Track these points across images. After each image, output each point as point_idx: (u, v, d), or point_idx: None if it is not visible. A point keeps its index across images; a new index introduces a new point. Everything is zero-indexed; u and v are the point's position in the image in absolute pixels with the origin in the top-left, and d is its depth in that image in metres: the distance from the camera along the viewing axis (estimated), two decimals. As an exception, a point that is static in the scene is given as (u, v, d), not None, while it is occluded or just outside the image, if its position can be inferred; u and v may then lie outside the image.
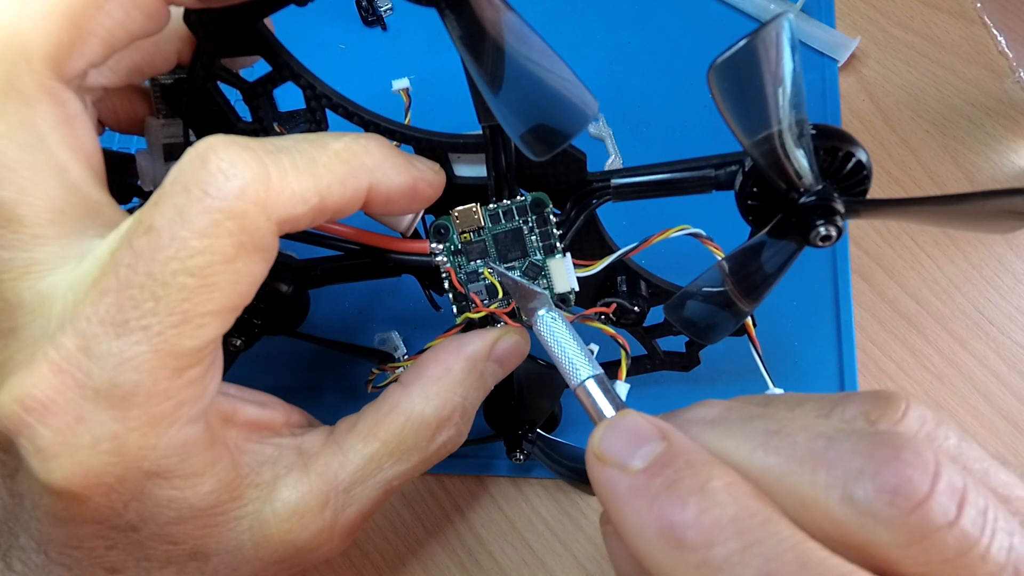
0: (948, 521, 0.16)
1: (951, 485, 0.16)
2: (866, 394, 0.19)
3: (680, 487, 0.18)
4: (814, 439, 0.18)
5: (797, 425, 0.18)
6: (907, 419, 0.18)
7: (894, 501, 0.16)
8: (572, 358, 0.23)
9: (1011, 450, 0.37)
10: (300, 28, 0.35)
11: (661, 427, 0.20)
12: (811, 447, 0.18)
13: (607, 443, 0.20)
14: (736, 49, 0.18)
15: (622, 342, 0.28)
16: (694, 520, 0.17)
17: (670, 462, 0.18)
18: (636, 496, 0.18)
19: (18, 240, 0.20)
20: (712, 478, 0.18)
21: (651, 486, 0.18)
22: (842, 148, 0.22)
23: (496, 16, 0.20)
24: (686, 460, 0.18)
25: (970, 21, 0.44)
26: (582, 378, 0.22)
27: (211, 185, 0.19)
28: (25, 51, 0.20)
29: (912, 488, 0.16)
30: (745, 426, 0.19)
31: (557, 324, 0.24)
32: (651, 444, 0.19)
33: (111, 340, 0.19)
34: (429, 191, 0.25)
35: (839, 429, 0.18)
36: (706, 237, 0.27)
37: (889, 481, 0.16)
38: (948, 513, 0.16)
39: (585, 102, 0.21)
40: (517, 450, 0.32)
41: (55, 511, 0.21)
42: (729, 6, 0.43)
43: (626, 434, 0.20)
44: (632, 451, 0.19)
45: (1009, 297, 0.39)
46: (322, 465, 0.24)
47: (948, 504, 0.16)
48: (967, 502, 0.16)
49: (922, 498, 0.16)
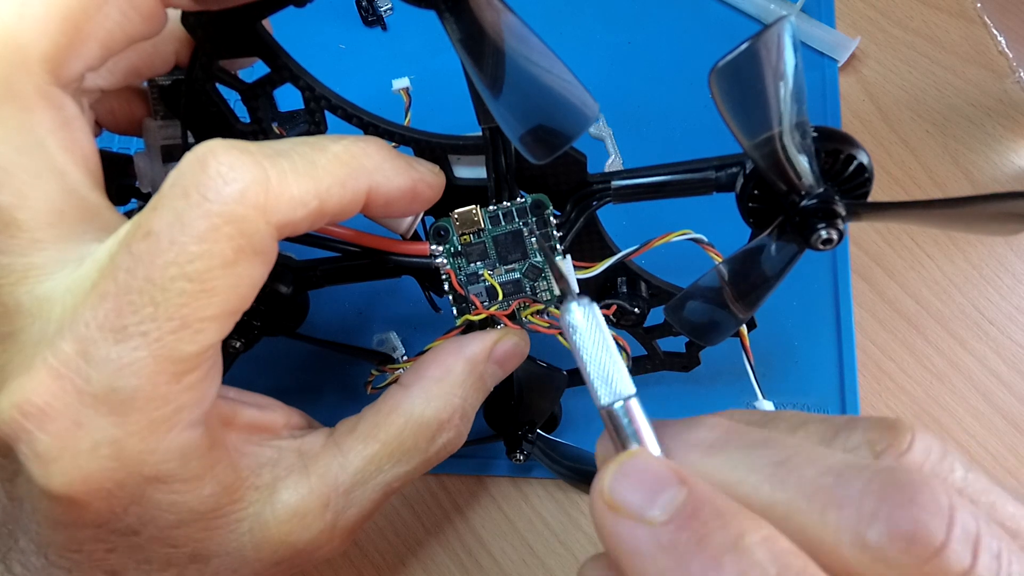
0: (963, 569, 0.15)
1: (966, 530, 0.15)
2: (871, 421, 0.19)
3: (711, 544, 0.16)
4: (823, 474, 0.17)
5: (804, 457, 0.17)
6: (913, 451, 0.18)
7: (910, 549, 0.15)
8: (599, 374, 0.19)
9: (1011, 450, 0.37)
10: (300, 28, 0.35)
11: (675, 469, 0.18)
12: (820, 483, 0.17)
13: (620, 489, 0.17)
14: (738, 52, 0.17)
15: (622, 343, 0.28)
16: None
17: (695, 513, 0.17)
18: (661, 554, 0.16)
19: (16, 244, 0.20)
20: (745, 532, 0.16)
21: (678, 543, 0.16)
22: (844, 150, 0.22)
23: (496, 18, 0.20)
24: (713, 509, 0.17)
25: (970, 21, 0.44)
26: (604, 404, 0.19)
27: (210, 189, 0.19)
28: (23, 55, 0.20)
29: (928, 535, 0.15)
30: (750, 455, 0.18)
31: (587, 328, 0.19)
32: (670, 491, 0.17)
33: (110, 345, 0.19)
34: (429, 193, 0.25)
35: (847, 464, 0.17)
36: (707, 243, 0.27)
37: (904, 527, 0.15)
38: (964, 561, 0.15)
39: (585, 104, 0.21)
40: (517, 450, 0.32)
41: (54, 515, 0.21)
42: (729, 6, 0.43)
43: (641, 479, 0.17)
44: (650, 499, 0.17)
45: (1009, 297, 0.39)
46: (322, 467, 0.24)
47: (963, 552, 0.15)
48: (981, 547, 0.15)
49: (939, 546, 0.15)
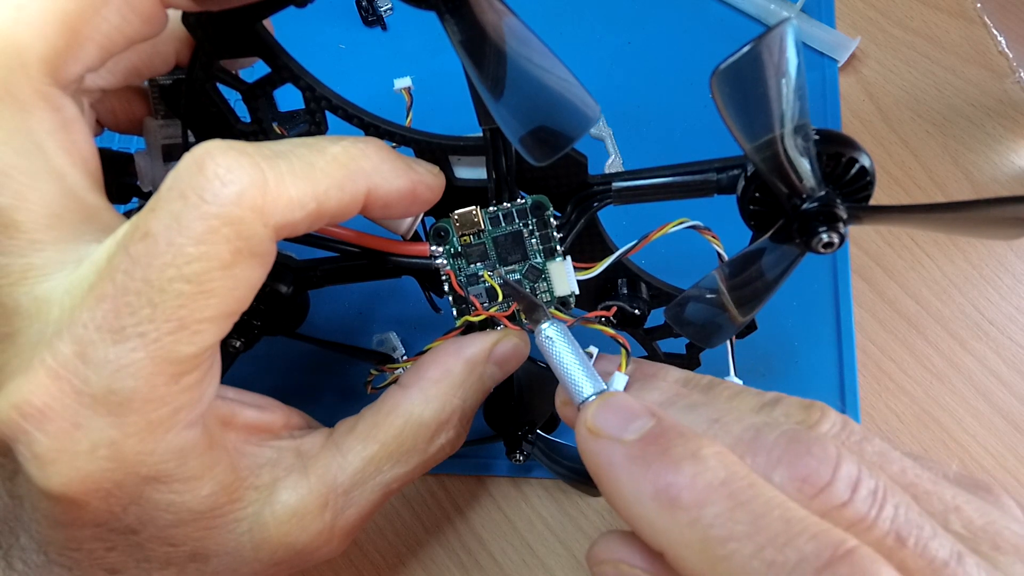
0: (843, 501, 0.19)
1: (848, 474, 0.19)
2: (793, 400, 0.22)
3: (673, 453, 0.20)
4: (746, 430, 0.21)
5: (733, 416, 0.21)
6: (821, 424, 0.21)
7: (802, 488, 0.19)
8: (575, 376, 0.23)
9: (1011, 450, 0.37)
10: (300, 28, 0.35)
11: (649, 406, 0.21)
12: (743, 436, 0.21)
13: (601, 418, 0.21)
14: (740, 55, 0.17)
15: (622, 341, 0.28)
16: (688, 482, 0.19)
17: (663, 433, 0.20)
18: (631, 463, 0.20)
19: (15, 245, 0.20)
20: (703, 446, 0.20)
21: (646, 453, 0.20)
22: (845, 153, 0.22)
23: (497, 20, 0.20)
24: (678, 432, 0.20)
25: (970, 21, 0.44)
26: (585, 396, 0.23)
27: (208, 191, 0.19)
28: (21, 56, 0.20)
29: (817, 477, 0.19)
30: (691, 412, 0.22)
31: (560, 341, 0.24)
32: (642, 419, 0.21)
33: (108, 347, 0.19)
34: (428, 194, 0.25)
35: (765, 423, 0.21)
36: (705, 228, 0.27)
37: (799, 470, 0.19)
38: (844, 495, 0.19)
39: (587, 105, 0.21)
40: (517, 451, 0.32)
41: (54, 515, 0.21)
42: (729, 6, 0.43)
43: (618, 410, 0.21)
44: (625, 425, 0.21)
45: (1009, 297, 0.39)
46: (321, 467, 0.24)
47: (844, 489, 0.19)
48: (860, 485, 0.19)
49: (824, 484, 0.19)
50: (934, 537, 0.18)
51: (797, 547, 0.17)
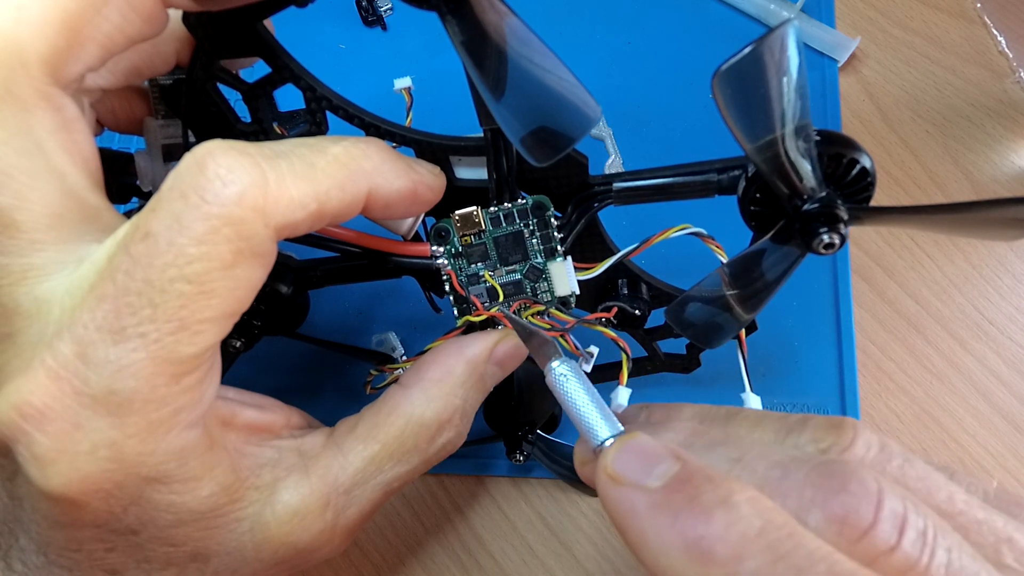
0: (890, 546, 0.17)
1: (893, 512, 0.17)
2: (819, 421, 0.20)
3: (703, 501, 0.18)
4: (771, 468, 0.19)
5: (756, 452, 0.20)
6: (855, 446, 0.19)
7: (842, 531, 0.17)
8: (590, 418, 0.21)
9: (1011, 450, 0.37)
10: (300, 28, 0.35)
11: (670, 447, 0.20)
12: (768, 475, 0.19)
13: (621, 463, 0.19)
14: (741, 56, 0.17)
15: (623, 345, 0.28)
16: (721, 534, 0.17)
17: (689, 479, 0.18)
18: (657, 513, 0.18)
19: (15, 245, 0.20)
20: (734, 492, 0.18)
21: (672, 502, 0.18)
22: (846, 154, 0.22)
23: (498, 20, 0.20)
24: (705, 476, 0.18)
25: (970, 21, 0.44)
26: (602, 439, 0.21)
27: (208, 191, 0.19)
28: (22, 56, 0.20)
29: (858, 518, 0.17)
30: (710, 453, 0.20)
31: (572, 380, 0.22)
32: (666, 463, 0.19)
33: (108, 347, 0.19)
34: (429, 195, 0.25)
35: (792, 458, 0.19)
36: (707, 236, 0.27)
37: (837, 511, 0.17)
38: (891, 539, 0.17)
39: (588, 106, 0.21)
40: (517, 451, 0.32)
41: (53, 516, 0.21)
42: (729, 6, 0.43)
43: (640, 454, 0.20)
44: (648, 470, 0.19)
45: (1009, 297, 0.39)
46: (322, 467, 0.24)
47: (890, 531, 0.17)
48: (908, 525, 0.17)
49: (867, 527, 0.17)
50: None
51: None
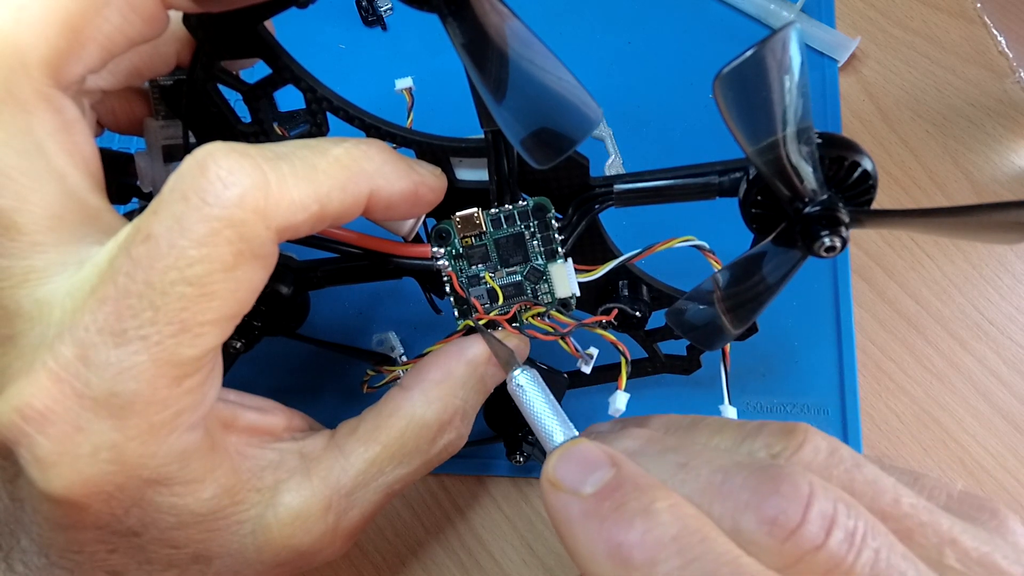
0: (816, 545, 0.17)
1: (821, 513, 0.18)
2: (774, 427, 0.21)
3: (627, 509, 0.19)
4: (714, 472, 0.19)
5: (703, 459, 0.20)
6: (803, 450, 0.20)
7: (771, 531, 0.18)
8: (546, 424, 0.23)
9: (1011, 450, 0.37)
10: (300, 28, 0.35)
11: (611, 454, 0.21)
12: (711, 480, 0.19)
13: (561, 470, 0.20)
14: (743, 59, 0.17)
15: (622, 349, 0.28)
16: (639, 540, 0.18)
17: (619, 486, 0.19)
18: (587, 519, 0.19)
19: (16, 248, 0.20)
20: (656, 500, 0.19)
21: (600, 509, 0.19)
22: (848, 157, 0.22)
23: (499, 22, 0.19)
24: (634, 484, 0.19)
25: (970, 21, 0.44)
26: (556, 444, 0.23)
27: (209, 193, 0.19)
28: (22, 58, 0.20)
29: (787, 519, 0.18)
30: (660, 459, 0.21)
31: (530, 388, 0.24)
32: (601, 470, 0.20)
33: (110, 349, 0.19)
34: (430, 196, 0.25)
35: (736, 463, 0.20)
36: (709, 251, 0.27)
37: (768, 513, 0.18)
38: (816, 539, 0.17)
39: (589, 108, 0.21)
40: (517, 452, 0.32)
41: (55, 518, 0.21)
42: (729, 6, 0.43)
43: (578, 461, 0.20)
44: (584, 477, 0.20)
45: (1009, 297, 0.39)
46: (324, 469, 0.24)
47: (817, 531, 0.18)
48: (836, 526, 0.18)
49: (794, 527, 0.18)
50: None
51: None
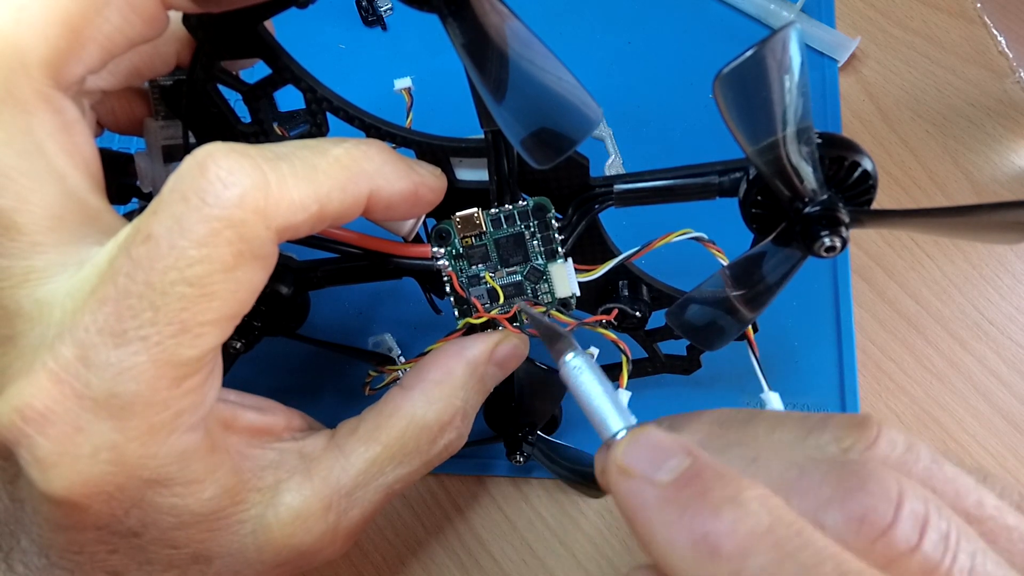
0: (910, 547, 0.16)
1: (913, 512, 0.17)
2: (841, 419, 0.20)
3: (712, 497, 0.17)
4: (788, 468, 0.19)
5: (773, 453, 0.19)
6: (878, 445, 0.19)
7: (860, 531, 0.17)
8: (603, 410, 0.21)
9: (1011, 450, 0.37)
10: (300, 28, 0.34)
11: (683, 443, 0.19)
12: (785, 476, 0.18)
13: (631, 456, 0.19)
14: (744, 59, 0.17)
15: (623, 347, 0.28)
16: (729, 529, 0.17)
17: (699, 474, 0.18)
18: (666, 507, 0.18)
19: (16, 248, 0.20)
20: (744, 489, 0.18)
21: (681, 496, 0.18)
22: (848, 157, 0.22)
23: (500, 23, 0.19)
24: (715, 473, 0.18)
25: (970, 21, 0.44)
26: (613, 432, 0.21)
27: (209, 194, 0.19)
28: (22, 58, 0.20)
29: (877, 517, 0.17)
30: (726, 453, 0.20)
31: (586, 372, 0.22)
32: (677, 458, 0.19)
33: (110, 350, 0.19)
34: (430, 196, 0.25)
35: (811, 458, 0.19)
36: (708, 241, 0.27)
37: (855, 510, 0.17)
38: (911, 540, 0.17)
39: (589, 109, 0.21)
40: (517, 452, 0.32)
41: (55, 518, 0.21)
42: (729, 6, 0.43)
43: (650, 448, 0.19)
44: (659, 464, 0.19)
45: (1009, 297, 0.39)
46: (324, 469, 0.24)
47: (910, 532, 0.17)
48: (929, 527, 0.17)
49: (886, 526, 0.17)
50: None
51: None
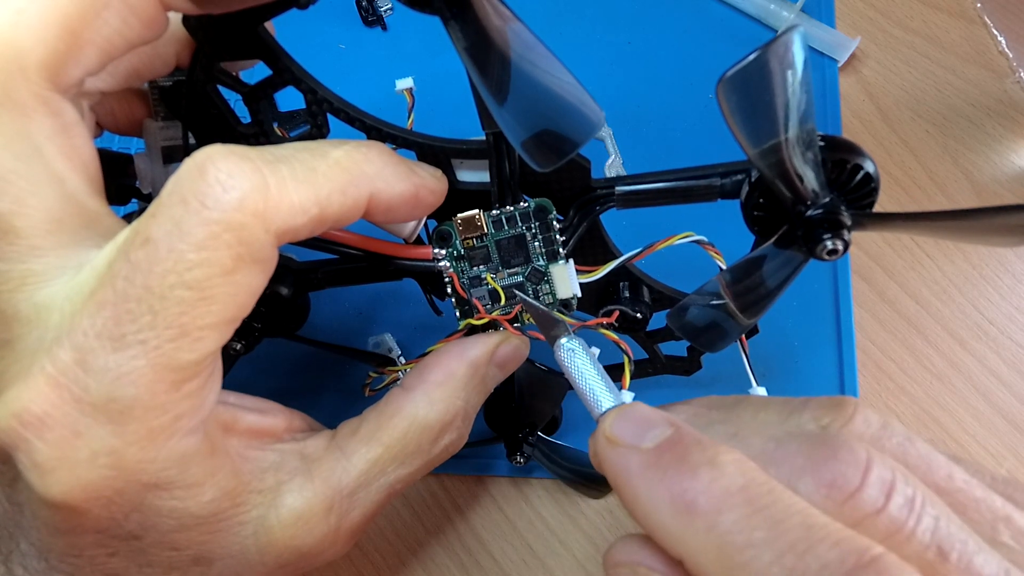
0: (876, 508, 0.18)
1: (880, 478, 0.18)
2: (821, 400, 0.21)
3: (690, 460, 0.19)
4: (766, 441, 0.20)
5: (752, 429, 0.21)
6: (853, 422, 0.20)
7: (830, 494, 0.18)
8: (594, 389, 0.23)
9: (1011, 450, 0.37)
10: (300, 28, 0.34)
11: (667, 416, 0.21)
12: (763, 448, 0.20)
13: (618, 427, 0.21)
14: (747, 62, 0.17)
15: (624, 348, 0.28)
16: (705, 488, 0.18)
17: (680, 440, 0.20)
18: (648, 470, 0.19)
19: (14, 251, 0.20)
20: (720, 453, 0.19)
21: (662, 460, 0.19)
22: (850, 160, 0.22)
23: (502, 25, 0.19)
24: (694, 439, 0.20)
25: (970, 21, 0.44)
26: (604, 409, 0.23)
27: (209, 197, 0.19)
28: (21, 61, 0.20)
29: (845, 481, 0.18)
30: (708, 430, 0.21)
31: (580, 354, 0.24)
32: (660, 428, 0.20)
33: (108, 354, 0.19)
34: (431, 198, 0.25)
35: (787, 432, 0.20)
36: (709, 244, 0.27)
37: (825, 476, 0.18)
38: (877, 502, 0.18)
39: (591, 111, 0.21)
40: (517, 453, 0.32)
41: (54, 522, 0.21)
42: (729, 6, 0.43)
43: (636, 420, 0.21)
44: (642, 433, 0.20)
45: (1009, 297, 0.39)
46: (326, 470, 0.24)
47: (877, 495, 0.18)
48: (895, 491, 0.18)
49: (853, 490, 0.18)
50: (979, 552, 0.17)
51: (818, 554, 0.17)
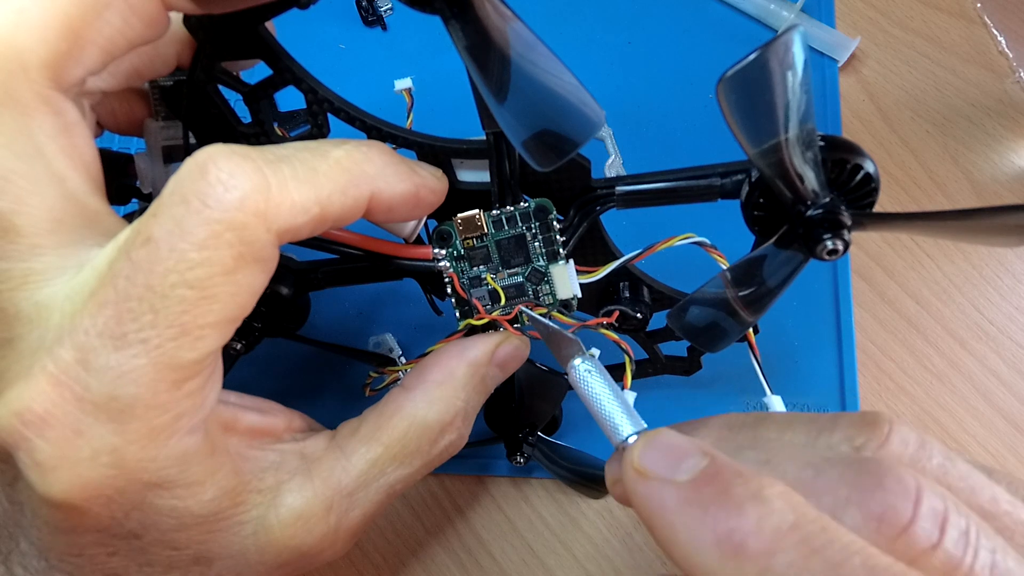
0: (932, 544, 0.16)
1: (933, 509, 0.17)
2: (851, 417, 0.20)
3: (734, 495, 0.17)
4: (803, 468, 0.18)
5: (785, 454, 0.19)
6: (890, 443, 0.19)
7: (880, 528, 0.17)
8: (612, 415, 0.21)
9: (1011, 450, 0.37)
10: (300, 28, 0.34)
11: (699, 443, 0.19)
12: (800, 476, 0.18)
13: (648, 458, 0.19)
14: (747, 62, 0.17)
15: (625, 348, 0.28)
16: (754, 527, 0.16)
17: (718, 473, 0.18)
18: (687, 507, 0.18)
19: (16, 250, 0.20)
20: (765, 486, 0.17)
21: (702, 496, 0.18)
22: (850, 160, 0.22)
23: (502, 25, 0.19)
24: (734, 471, 0.18)
25: (970, 21, 0.44)
26: (624, 436, 0.21)
27: (210, 196, 0.19)
28: (22, 60, 0.20)
29: (896, 515, 0.17)
30: (737, 457, 0.19)
31: (595, 377, 0.22)
32: (694, 458, 0.18)
33: (109, 353, 0.19)
34: (431, 198, 0.25)
35: (824, 458, 0.18)
36: (710, 246, 0.27)
37: (874, 509, 0.17)
38: (931, 537, 0.16)
39: (591, 111, 0.21)
40: (518, 453, 0.32)
41: (55, 521, 0.21)
42: (729, 6, 0.43)
43: (666, 449, 0.19)
44: (676, 464, 0.18)
45: (1009, 297, 0.39)
46: (326, 470, 0.24)
47: (931, 528, 0.16)
48: (949, 524, 0.16)
49: (906, 524, 0.16)
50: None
51: None
